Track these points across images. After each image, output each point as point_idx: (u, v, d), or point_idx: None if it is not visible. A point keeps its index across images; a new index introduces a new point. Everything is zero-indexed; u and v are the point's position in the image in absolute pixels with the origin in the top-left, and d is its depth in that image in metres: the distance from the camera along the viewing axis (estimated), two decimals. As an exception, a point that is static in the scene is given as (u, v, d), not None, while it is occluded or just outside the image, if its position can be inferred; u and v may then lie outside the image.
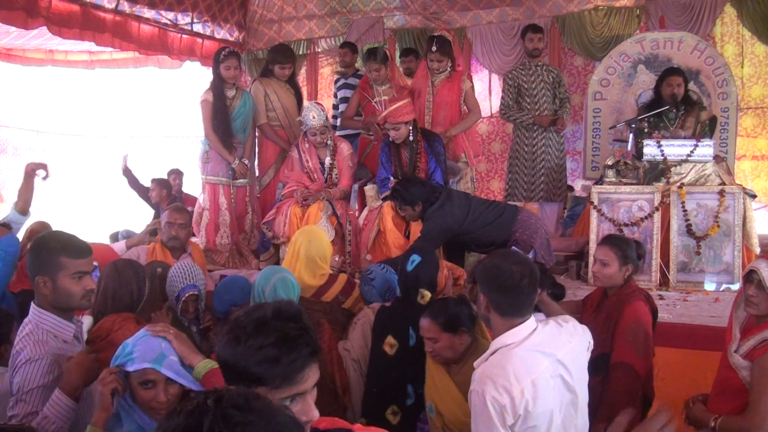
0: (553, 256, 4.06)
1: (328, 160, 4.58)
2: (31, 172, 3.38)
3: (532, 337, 1.87)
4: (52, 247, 2.07)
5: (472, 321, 2.47)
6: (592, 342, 2.06)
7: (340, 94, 5.84)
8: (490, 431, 1.77)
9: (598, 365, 2.52)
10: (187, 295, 2.91)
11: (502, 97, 5.45)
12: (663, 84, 4.87)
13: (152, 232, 4.23)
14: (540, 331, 1.90)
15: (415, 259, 2.79)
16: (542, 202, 5.45)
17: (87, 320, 2.63)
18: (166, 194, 6.29)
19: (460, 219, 3.88)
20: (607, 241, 2.96)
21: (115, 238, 6.71)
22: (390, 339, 2.72)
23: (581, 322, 2.69)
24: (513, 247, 3.76)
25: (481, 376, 1.82)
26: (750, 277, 2.30)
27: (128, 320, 2.43)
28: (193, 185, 6.53)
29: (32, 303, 2.11)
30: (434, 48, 4.66)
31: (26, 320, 2.11)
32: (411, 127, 4.27)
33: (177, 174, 6.57)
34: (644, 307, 2.70)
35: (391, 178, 4.38)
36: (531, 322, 1.91)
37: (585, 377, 1.99)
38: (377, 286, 3.10)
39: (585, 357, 2.00)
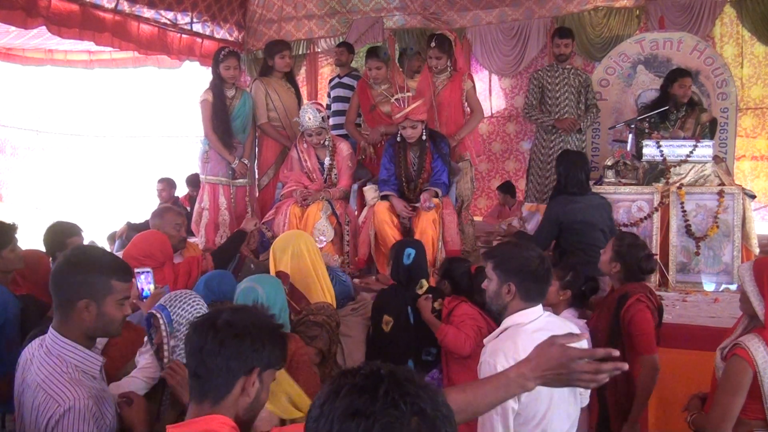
0: None
1: (327, 161, 4.58)
2: None
3: (539, 320, 2.04)
4: (103, 269, 1.83)
5: None
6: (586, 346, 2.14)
7: (334, 93, 5.85)
8: None
9: None
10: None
11: (526, 96, 5.38)
12: (675, 85, 4.80)
13: None
14: (545, 317, 2.07)
15: (411, 252, 3.20)
16: None
17: None
18: (174, 193, 6.28)
19: (577, 221, 3.77)
20: None
21: (112, 239, 6.70)
22: (386, 317, 3.14)
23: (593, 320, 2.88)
24: None
25: (492, 349, 1.97)
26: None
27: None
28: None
29: (52, 330, 1.81)
30: (433, 44, 4.68)
31: (38, 348, 1.82)
32: (424, 127, 4.29)
33: (166, 183, 6.40)
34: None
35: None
36: (540, 307, 2.08)
37: None
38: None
39: None
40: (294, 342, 2.35)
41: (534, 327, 2.00)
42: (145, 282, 2.63)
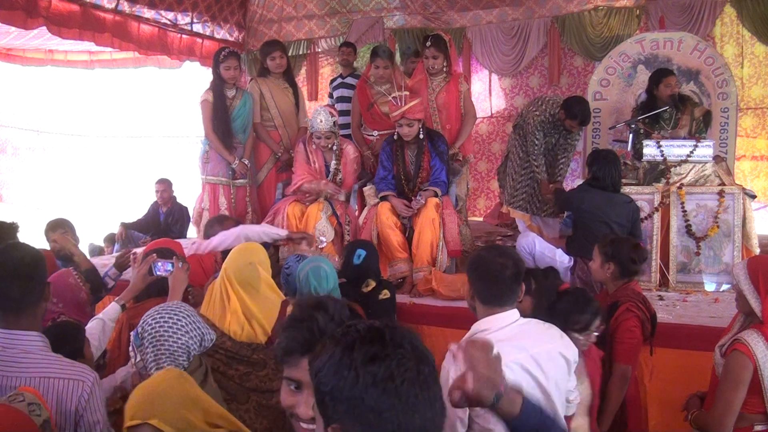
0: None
1: (333, 164, 4.57)
2: None
3: (508, 327, 1.93)
4: (40, 254, 1.97)
5: None
6: (573, 359, 2.02)
7: (337, 93, 5.84)
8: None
9: None
10: None
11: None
12: (660, 85, 4.76)
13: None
14: (519, 325, 1.95)
15: (361, 253, 3.32)
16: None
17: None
18: (173, 194, 6.27)
19: (583, 209, 4.02)
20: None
21: (111, 240, 6.71)
22: None
23: None
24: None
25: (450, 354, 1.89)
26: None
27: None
28: (191, 187, 6.49)
29: (11, 331, 1.80)
30: (429, 43, 4.66)
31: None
32: (421, 126, 4.29)
33: (167, 184, 6.36)
34: None
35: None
36: (512, 314, 1.96)
37: (563, 386, 1.99)
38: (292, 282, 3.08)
39: (564, 366, 1.98)
40: None
41: (501, 336, 1.86)
42: (162, 269, 2.76)
